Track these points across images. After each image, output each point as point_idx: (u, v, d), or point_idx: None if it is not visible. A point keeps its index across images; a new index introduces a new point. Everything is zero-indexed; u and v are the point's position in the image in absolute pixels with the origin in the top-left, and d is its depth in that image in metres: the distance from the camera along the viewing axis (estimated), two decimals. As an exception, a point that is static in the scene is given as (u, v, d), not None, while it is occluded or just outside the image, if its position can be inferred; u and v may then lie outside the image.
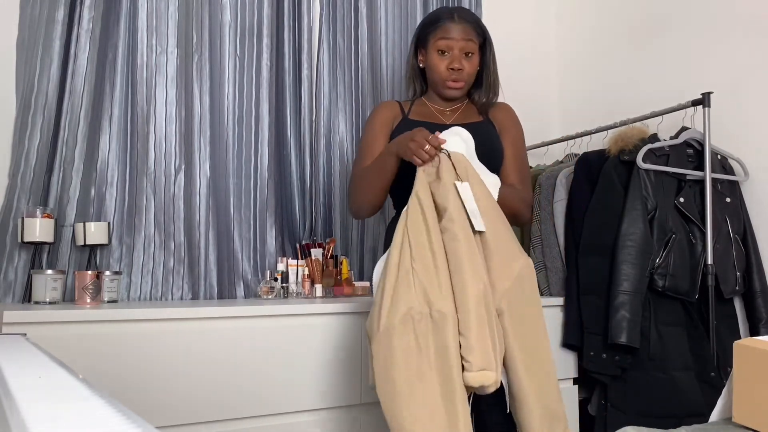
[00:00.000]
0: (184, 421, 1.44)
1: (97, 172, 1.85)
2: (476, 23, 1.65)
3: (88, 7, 1.86)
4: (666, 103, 2.03)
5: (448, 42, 1.60)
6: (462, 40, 1.60)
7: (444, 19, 1.63)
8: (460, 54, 1.61)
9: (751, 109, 1.98)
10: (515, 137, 1.69)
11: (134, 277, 1.87)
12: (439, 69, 1.62)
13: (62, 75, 1.82)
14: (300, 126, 2.20)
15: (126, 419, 0.41)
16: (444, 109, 1.70)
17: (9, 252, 1.72)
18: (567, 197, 2.04)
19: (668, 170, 1.87)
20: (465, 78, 1.63)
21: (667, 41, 2.27)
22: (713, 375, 1.76)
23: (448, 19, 1.62)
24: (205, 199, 1.98)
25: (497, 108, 1.72)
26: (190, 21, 2.00)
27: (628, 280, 1.77)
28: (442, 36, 1.61)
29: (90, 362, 1.34)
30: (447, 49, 1.61)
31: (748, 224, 1.95)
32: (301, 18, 2.22)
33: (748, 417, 0.91)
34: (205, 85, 2.02)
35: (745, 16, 2.02)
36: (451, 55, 1.61)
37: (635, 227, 1.81)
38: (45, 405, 0.46)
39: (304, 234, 2.19)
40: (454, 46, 1.60)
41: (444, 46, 1.61)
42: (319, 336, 1.62)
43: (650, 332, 1.78)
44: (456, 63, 1.60)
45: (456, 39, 1.60)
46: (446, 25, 1.61)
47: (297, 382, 1.58)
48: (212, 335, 1.49)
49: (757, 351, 0.90)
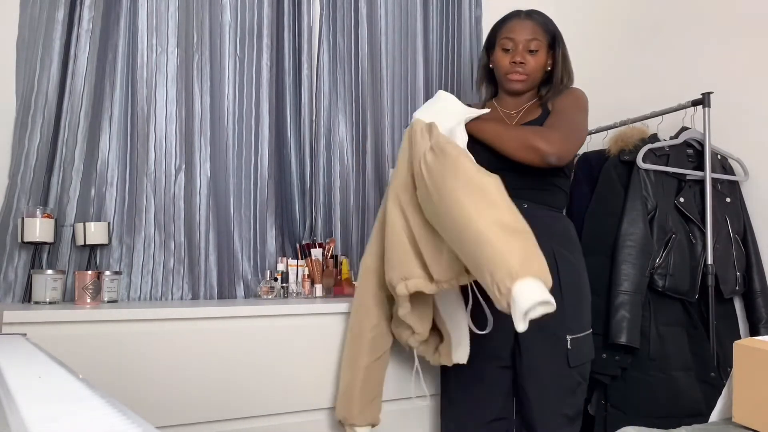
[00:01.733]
0: (184, 421, 1.44)
1: (97, 172, 1.85)
2: (544, 23, 1.65)
3: (88, 7, 1.86)
4: (666, 103, 2.03)
5: (512, 39, 1.62)
6: (526, 37, 1.61)
7: (511, 18, 1.66)
8: (523, 50, 1.61)
9: (751, 109, 1.98)
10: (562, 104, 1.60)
11: (134, 277, 1.87)
12: (503, 63, 1.64)
13: (62, 75, 1.82)
14: (300, 126, 2.20)
15: (126, 419, 0.41)
16: (510, 112, 1.69)
17: (9, 252, 1.72)
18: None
19: (668, 170, 1.87)
20: (528, 72, 1.62)
21: (667, 41, 2.27)
22: (713, 375, 1.76)
23: (514, 18, 1.65)
24: (205, 199, 1.98)
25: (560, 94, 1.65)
26: (190, 21, 2.00)
27: (628, 280, 1.77)
28: (507, 34, 1.64)
29: (90, 362, 1.34)
30: (510, 46, 1.63)
31: (748, 224, 1.95)
32: (301, 18, 2.22)
33: (748, 417, 0.91)
34: (205, 85, 2.02)
35: (745, 16, 2.02)
36: (514, 51, 1.62)
37: (635, 227, 1.81)
38: (45, 405, 0.46)
39: (304, 234, 2.19)
40: (519, 43, 1.61)
41: (508, 44, 1.63)
42: (319, 336, 1.62)
43: (650, 332, 1.78)
44: (518, 57, 1.61)
45: (519, 36, 1.61)
46: (512, 23, 1.64)
47: (297, 382, 1.58)
48: (212, 335, 1.49)
49: (757, 351, 0.90)
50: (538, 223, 1.48)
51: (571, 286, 1.52)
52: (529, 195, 1.56)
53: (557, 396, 1.50)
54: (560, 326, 1.47)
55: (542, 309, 1.12)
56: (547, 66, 1.66)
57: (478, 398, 1.57)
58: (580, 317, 1.54)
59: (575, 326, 1.51)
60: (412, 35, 2.39)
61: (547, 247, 1.45)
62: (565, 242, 1.56)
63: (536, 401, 1.49)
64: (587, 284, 1.59)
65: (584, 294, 1.58)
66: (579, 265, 1.58)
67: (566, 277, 1.51)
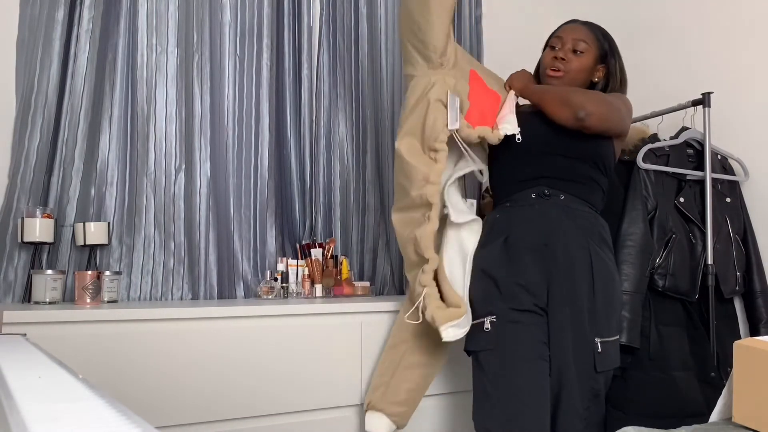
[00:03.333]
0: (184, 421, 1.44)
1: (97, 172, 1.85)
2: (599, 31, 1.67)
3: (88, 7, 1.86)
4: (666, 103, 2.03)
5: (560, 38, 1.64)
6: (573, 37, 1.62)
7: (568, 22, 1.70)
8: (567, 49, 1.62)
9: (751, 109, 1.98)
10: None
11: (134, 277, 1.87)
12: (545, 60, 1.66)
13: (62, 75, 1.82)
14: (300, 126, 2.20)
15: (126, 419, 0.41)
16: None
17: (9, 252, 1.72)
18: (567, 197, 2.03)
19: (668, 170, 1.87)
20: (567, 69, 1.62)
21: (667, 41, 2.27)
22: (713, 375, 1.76)
23: (570, 22, 1.69)
24: (205, 199, 1.98)
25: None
26: (190, 21, 2.00)
27: (628, 280, 1.77)
28: (557, 34, 1.67)
29: (90, 362, 1.34)
30: (557, 44, 1.64)
31: (748, 224, 1.95)
32: (301, 18, 2.22)
33: (748, 417, 0.91)
34: (205, 84, 2.02)
35: (744, 17, 2.02)
36: (559, 49, 1.63)
37: (635, 227, 1.81)
38: (45, 405, 0.46)
39: (304, 234, 2.19)
40: (565, 42, 1.63)
41: (556, 42, 1.65)
42: (319, 336, 1.62)
43: (650, 332, 1.78)
44: (561, 53, 1.62)
45: (568, 35, 1.63)
46: (566, 25, 1.68)
47: (297, 382, 1.58)
48: (212, 335, 1.49)
49: (757, 351, 0.90)
50: (577, 216, 1.54)
51: (604, 288, 1.50)
52: (568, 187, 1.55)
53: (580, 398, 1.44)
54: (591, 328, 1.45)
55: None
56: (593, 74, 1.66)
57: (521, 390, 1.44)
58: (611, 321, 1.52)
59: (605, 330, 1.49)
60: (412, 35, 2.39)
61: (583, 243, 1.50)
62: (601, 243, 1.55)
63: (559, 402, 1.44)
64: (620, 289, 1.60)
65: (617, 298, 1.56)
66: (613, 268, 1.57)
67: (600, 279, 1.49)
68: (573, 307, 1.46)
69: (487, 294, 1.50)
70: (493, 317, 1.47)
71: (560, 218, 1.52)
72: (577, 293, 1.47)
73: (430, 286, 1.49)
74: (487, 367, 1.46)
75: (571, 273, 1.48)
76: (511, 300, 1.47)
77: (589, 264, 1.49)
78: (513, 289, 1.47)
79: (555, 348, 1.45)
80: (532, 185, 1.57)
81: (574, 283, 1.47)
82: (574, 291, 1.47)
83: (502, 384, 1.42)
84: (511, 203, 1.59)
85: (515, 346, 1.44)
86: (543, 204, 1.54)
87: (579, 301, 1.47)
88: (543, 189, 1.55)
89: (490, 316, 1.47)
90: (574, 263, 1.49)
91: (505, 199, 1.62)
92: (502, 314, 1.46)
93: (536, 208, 1.54)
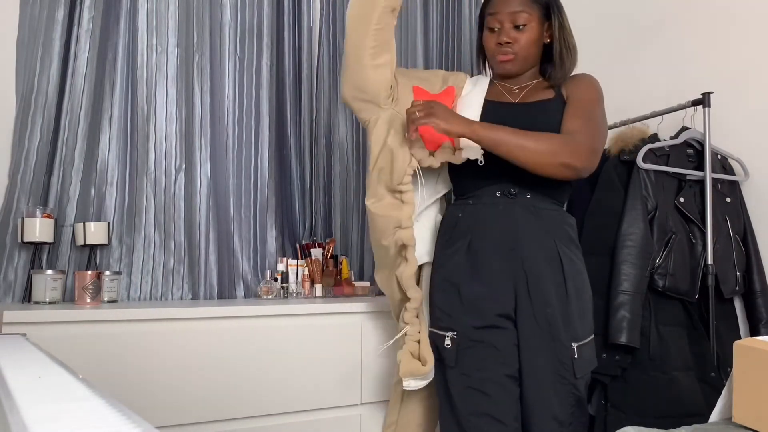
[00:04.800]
0: (184, 421, 1.44)
1: (97, 172, 1.85)
2: None
3: (88, 7, 1.86)
4: (666, 103, 2.03)
5: (496, 17, 1.50)
6: (509, 13, 1.48)
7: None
8: (509, 27, 1.48)
9: (751, 109, 1.98)
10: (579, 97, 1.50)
11: (134, 277, 1.87)
12: (488, 46, 1.53)
13: (62, 75, 1.82)
14: (300, 126, 2.20)
15: (126, 419, 0.41)
16: (512, 87, 1.57)
17: (9, 252, 1.72)
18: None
19: (668, 170, 1.87)
20: (517, 50, 1.49)
21: (667, 41, 2.27)
22: (713, 375, 1.76)
23: None
24: (205, 199, 1.98)
25: (572, 80, 1.55)
26: (190, 20, 2.00)
27: (628, 280, 1.77)
28: (490, 11, 1.51)
29: (90, 362, 1.34)
30: (495, 25, 1.50)
31: (748, 224, 1.95)
32: (301, 18, 2.22)
33: (748, 417, 0.91)
34: (205, 84, 2.02)
35: (744, 16, 2.02)
36: (500, 30, 1.50)
37: (635, 227, 1.81)
38: (45, 405, 0.46)
39: (304, 234, 2.19)
40: (503, 20, 1.48)
41: (493, 22, 1.51)
42: (319, 336, 1.62)
43: (650, 332, 1.78)
44: (504, 36, 1.48)
45: (503, 9, 1.48)
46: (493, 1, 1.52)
47: (297, 382, 1.58)
48: (212, 335, 1.49)
49: (757, 351, 0.90)
50: (543, 216, 1.45)
51: (576, 290, 1.44)
52: (534, 183, 1.44)
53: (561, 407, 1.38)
54: (567, 334, 1.39)
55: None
56: (543, 39, 1.53)
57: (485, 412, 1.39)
58: (585, 321, 1.46)
59: (581, 332, 1.43)
60: (412, 35, 2.39)
61: (551, 245, 1.43)
62: (569, 243, 1.48)
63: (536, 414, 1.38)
64: (589, 287, 1.52)
65: (588, 297, 1.50)
66: (582, 267, 1.50)
67: (572, 281, 1.43)
68: (545, 314, 1.39)
69: (449, 306, 1.44)
70: (454, 334, 1.41)
71: (527, 219, 1.44)
72: (548, 299, 1.40)
73: (412, 324, 1.46)
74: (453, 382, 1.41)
75: (541, 279, 1.40)
76: (473, 314, 1.40)
77: (559, 267, 1.42)
78: (476, 301, 1.41)
79: (525, 356, 1.38)
80: (495, 182, 1.46)
81: (544, 289, 1.40)
82: (544, 297, 1.40)
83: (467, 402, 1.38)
84: (474, 200, 1.49)
85: (477, 366, 1.38)
86: (508, 203, 1.45)
87: (550, 307, 1.39)
88: (509, 187, 1.45)
89: (451, 332, 1.41)
90: (543, 268, 1.41)
91: (466, 194, 1.52)
92: (463, 332, 1.40)
93: (501, 209, 1.45)
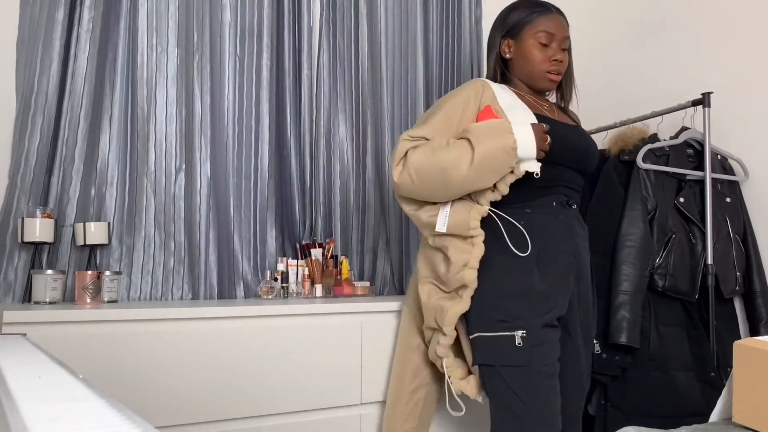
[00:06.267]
0: (184, 421, 1.44)
1: (97, 172, 1.85)
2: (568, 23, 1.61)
3: (88, 7, 1.86)
4: (666, 103, 2.03)
5: (553, 34, 1.54)
6: (564, 35, 1.56)
7: (548, 11, 1.57)
8: (559, 47, 1.56)
9: (751, 109, 1.98)
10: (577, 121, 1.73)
11: (134, 277, 1.87)
12: (539, 58, 1.55)
13: (62, 75, 1.82)
14: (300, 126, 2.20)
15: (126, 419, 0.41)
16: (542, 103, 1.63)
17: (9, 252, 1.72)
18: (567, 197, 2.04)
19: (668, 170, 1.87)
20: (562, 71, 1.58)
21: (667, 41, 2.27)
22: (713, 375, 1.76)
23: (552, 12, 1.57)
24: (205, 199, 1.98)
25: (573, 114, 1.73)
26: (190, 21, 2.00)
27: (628, 280, 1.77)
28: (545, 28, 1.54)
29: (90, 362, 1.34)
30: (548, 42, 1.54)
31: (748, 224, 1.95)
32: (301, 18, 2.22)
33: (748, 417, 0.91)
34: (205, 84, 2.02)
35: (744, 16, 2.02)
36: (553, 48, 1.55)
37: (635, 227, 1.81)
38: (45, 405, 0.46)
39: (304, 234, 2.19)
40: (558, 40, 1.55)
41: (546, 39, 1.54)
42: (319, 336, 1.62)
43: (650, 332, 1.78)
44: (559, 55, 1.55)
45: (559, 32, 1.55)
46: (550, 16, 1.55)
47: (297, 382, 1.58)
48: (212, 335, 1.49)
49: (757, 351, 0.90)
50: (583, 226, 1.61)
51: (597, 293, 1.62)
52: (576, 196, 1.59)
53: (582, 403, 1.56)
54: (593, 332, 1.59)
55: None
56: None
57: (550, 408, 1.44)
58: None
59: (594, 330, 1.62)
60: (412, 35, 2.39)
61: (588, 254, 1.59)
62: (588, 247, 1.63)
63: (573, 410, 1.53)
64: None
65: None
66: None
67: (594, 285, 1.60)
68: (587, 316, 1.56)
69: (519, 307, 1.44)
70: (524, 332, 1.41)
71: (579, 230, 1.57)
72: (589, 307, 1.56)
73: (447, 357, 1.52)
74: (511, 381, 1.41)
75: (587, 287, 1.56)
76: (541, 315, 1.43)
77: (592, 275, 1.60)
78: (544, 303, 1.45)
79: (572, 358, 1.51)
80: (549, 192, 1.52)
81: (587, 297, 1.56)
82: (587, 305, 1.56)
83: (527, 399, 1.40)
84: (532, 210, 1.50)
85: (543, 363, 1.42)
86: (567, 214, 1.54)
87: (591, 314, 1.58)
88: (563, 198, 1.53)
89: (521, 330, 1.42)
90: (588, 277, 1.57)
91: (520, 203, 1.51)
92: (533, 329, 1.42)
93: (561, 219, 1.52)
